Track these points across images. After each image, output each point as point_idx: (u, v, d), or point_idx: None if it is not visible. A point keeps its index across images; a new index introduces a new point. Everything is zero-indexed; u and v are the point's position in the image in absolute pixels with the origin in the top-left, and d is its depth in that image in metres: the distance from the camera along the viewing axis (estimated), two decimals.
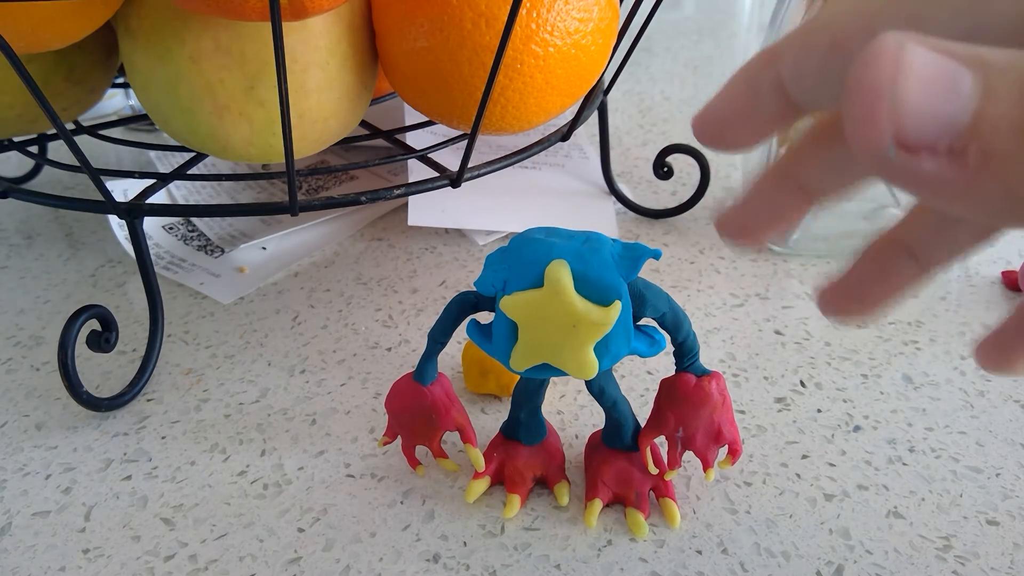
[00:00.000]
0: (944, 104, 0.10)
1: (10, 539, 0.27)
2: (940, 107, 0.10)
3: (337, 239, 0.46)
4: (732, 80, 0.16)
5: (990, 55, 0.10)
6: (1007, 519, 0.27)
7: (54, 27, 0.29)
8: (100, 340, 0.32)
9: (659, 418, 0.27)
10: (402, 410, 0.28)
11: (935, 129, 0.10)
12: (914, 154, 0.10)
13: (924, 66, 0.10)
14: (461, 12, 0.31)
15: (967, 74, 0.10)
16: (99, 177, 0.32)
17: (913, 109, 0.10)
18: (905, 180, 0.11)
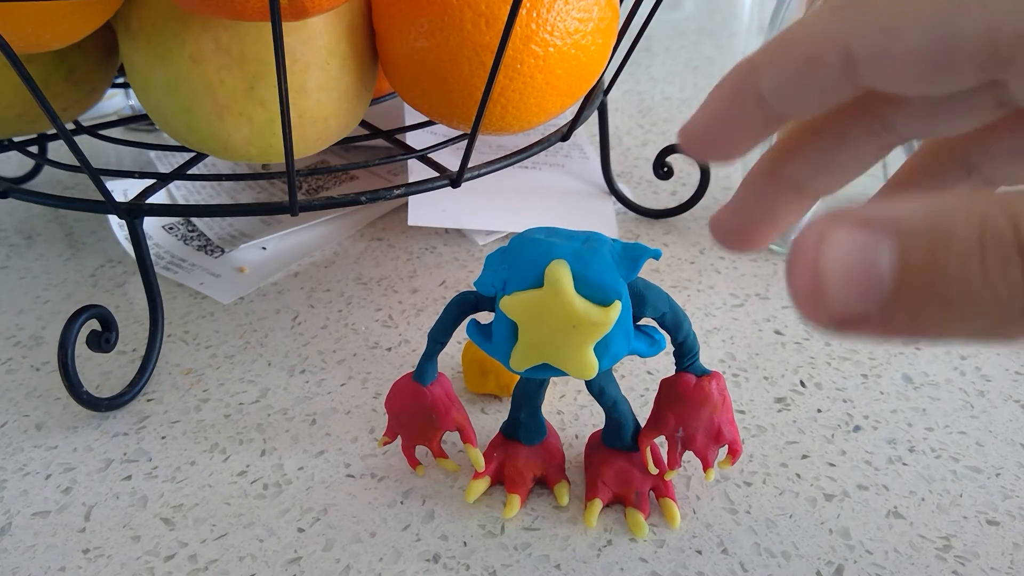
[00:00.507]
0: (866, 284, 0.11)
1: (10, 539, 0.27)
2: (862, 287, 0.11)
3: (337, 239, 0.46)
4: (714, 93, 0.16)
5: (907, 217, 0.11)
6: (1007, 519, 0.27)
7: (54, 27, 0.29)
8: (100, 340, 0.32)
9: (659, 418, 0.27)
10: (402, 410, 0.28)
11: (862, 306, 0.11)
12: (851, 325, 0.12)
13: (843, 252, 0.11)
14: (461, 12, 0.31)
15: (885, 247, 0.11)
16: (99, 177, 0.32)
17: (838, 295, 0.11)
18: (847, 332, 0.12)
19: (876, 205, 0.12)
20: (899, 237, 0.11)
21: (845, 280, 0.11)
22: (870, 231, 0.11)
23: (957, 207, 0.11)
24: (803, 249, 0.12)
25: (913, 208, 0.11)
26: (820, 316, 0.12)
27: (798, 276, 0.12)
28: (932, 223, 0.11)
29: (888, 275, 0.11)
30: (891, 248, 0.11)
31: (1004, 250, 0.11)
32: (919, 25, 0.12)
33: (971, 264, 0.11)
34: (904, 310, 0.11)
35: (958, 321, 0.11)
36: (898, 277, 0.11)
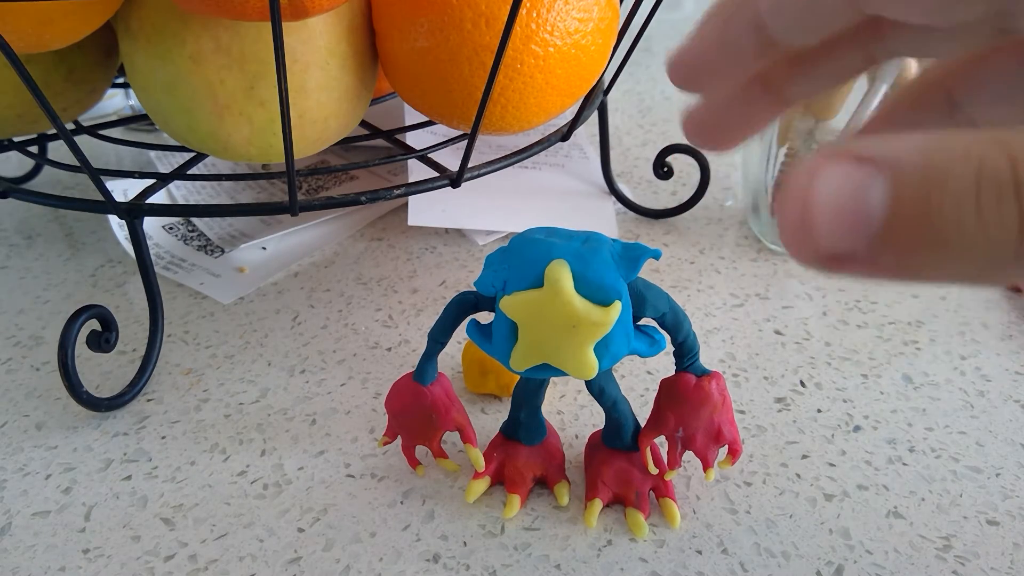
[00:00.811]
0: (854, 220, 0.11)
1: (10, 539, 0.27)
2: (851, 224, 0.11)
3: (337, 239, 0.46)
4: (707, 15, 0.15)
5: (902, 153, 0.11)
6: (1007, 519, 0.27)
7: (54, 27, 0.29)
8: (100, 340, 0.32)
9: (659, 418, 0.27)
10: (402, 410, 0.28)
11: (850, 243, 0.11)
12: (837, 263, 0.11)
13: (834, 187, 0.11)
14: (461, 12, 0.31)
15: (878, 182, 0.11)
16: (99, 177, 0.32)
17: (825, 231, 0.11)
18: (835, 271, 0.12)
19: (871, 140, 0.11)
20: (892, 173, 0.11)
21: (834, 216, 0.11)
22: (863, 166, 0.11)
23: (955, 144, 0.11)
24: (795, 184, 0.11)
25: (909, 144, 0.11)
26: (807, 253, 0.12)
27: (788, 211, 0.11)
28: (928, 159, 0.11)
29: (878, 212, 0.11)
30: (883, 184, 0.11)
31: (1001, 189, 0.10)
32: None
33: (966, 203, 0.10)
34: (893, 249, 0.11)
35: (948, 262, 0.11)
36: (889, 214, 0.11)
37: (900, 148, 0.11)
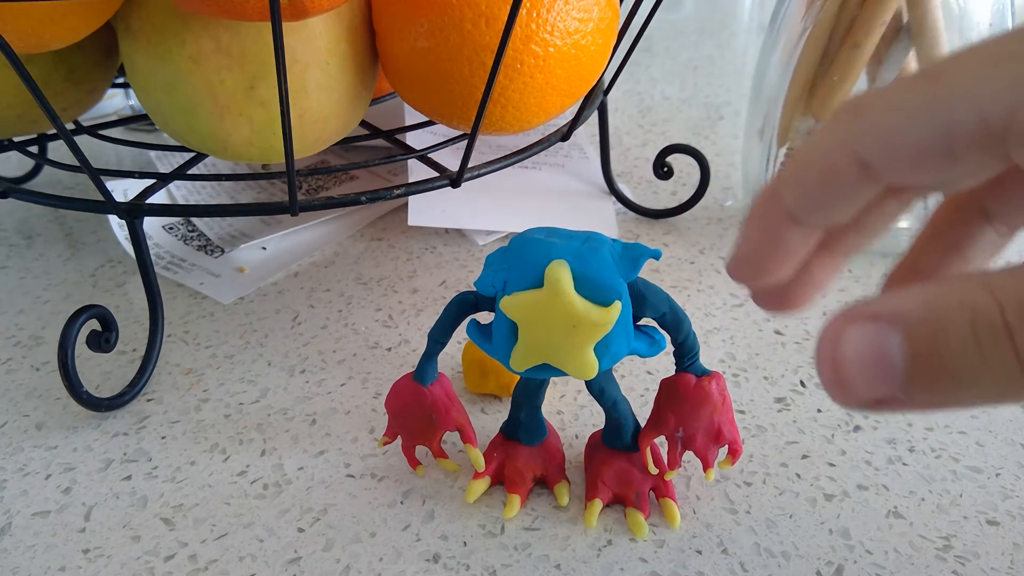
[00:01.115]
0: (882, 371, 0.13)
1: (10, 539, 0.27)
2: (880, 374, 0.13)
3: (337, 239, 0.46)
4: (747, 224, 0.17)
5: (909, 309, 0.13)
6: (1007, 519, 0.27)
7: (54, 27, 0.29)
8: (100, 340, 0.32)
9: (659, 418, 0.27)
10: (402, 410, 0.28)
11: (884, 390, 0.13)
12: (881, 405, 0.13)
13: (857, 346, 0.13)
14: (461, 12, 0.31)
15: (895, 337, 0.13)
16: (99, 177, 0.32)
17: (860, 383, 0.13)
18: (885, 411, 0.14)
19: (882, 298, 0.13)
20: (904, 327, 0.13)
21: (862, 369, 0.13)
22: (878, 324, 0.13)
23: (951, 295, 0.13)
24: (823, 347, 0.13)
25: (914, 299, 0.13)
26: (851, 402, 0.13)
27: (824, 370, 0.13)
28: (930, 313, 0.13)
29: (900, 361, 0.13)
30: (899, 338, 0.13)
31: (994, 331, 0.12)
32: (916, 120, 0.14)
33: (968, 348, 0.12)
34: (921, 389, 0.13)
35: (969, 393, 0.12)
36: (909, 362, 0.13)
37: (907, 304, 0.13)
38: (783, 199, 0.16)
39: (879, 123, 0.14)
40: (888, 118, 0.14)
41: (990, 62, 0.13)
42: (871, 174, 0.14)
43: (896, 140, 0.14)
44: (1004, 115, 0.13)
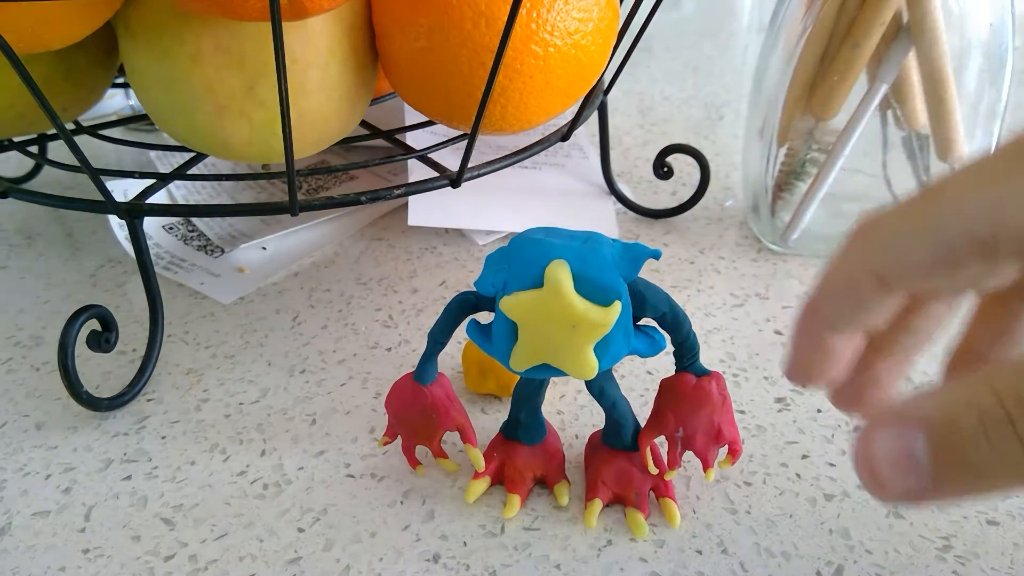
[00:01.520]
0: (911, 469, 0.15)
1: (10, 539, 0.27)
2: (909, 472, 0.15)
3: (337, 239, 0.46)
4: (795, 337, 0.19)
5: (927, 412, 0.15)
6: (1007, 519, 0.27)
7: (54, 27, 0.29)
8: (100, 340, 0.32)
9: (659, 418, 0.27)
10: (402, 410, 0.28)
11: (916, 484, 0.15)
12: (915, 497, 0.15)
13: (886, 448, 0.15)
14: (461, 12, 0.31)
15: (919, 439, 0.15)
16: (99, 177, 0.32)
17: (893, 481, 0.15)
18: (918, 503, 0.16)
19: (905, 403, 0.15)
20: (925, 429, 0.15)
21: (894, 468, 0.15)
22: (903, 428, 0.15)
23: (962, 396, 0.14)
24: (860, 449, 0.15)
25: (932, 402, 0.15)
26: (888, 497, 0.15)
27: (862, 470, 0.15)
28: (944, 414, 0.14)
29: (925, 458, 0.14)
30: (922, 438, 0.15)
31: (999, 425, 0.14)
32: (919, 240, 0.16)
33: (980, 441, 0.14)
34: (947, 481, 0.14)
35: (989, 481, 0.14)
36: (933, 458, 0.14)
37: (926, 407, 0.15)
38: (819, 313, 0.18)
39: (888, 245, 0.16)
40: (896, 240, 0.16)
41: (974, 185, 0.15)
42: (888, 286, 0.17)
43: (904, 259, 0.16)
44: (989, 233, 0.15)
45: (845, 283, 0.18)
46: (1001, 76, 0.38)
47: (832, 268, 0.18)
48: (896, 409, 0.15)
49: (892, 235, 0.17)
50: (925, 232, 0.16)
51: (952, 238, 0.16)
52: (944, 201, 0.16)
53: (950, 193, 0.16)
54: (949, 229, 0.16)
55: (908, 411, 0.15)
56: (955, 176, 0.16)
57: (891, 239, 0.17)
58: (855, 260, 0.17)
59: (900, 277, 0.17)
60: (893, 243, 0.17)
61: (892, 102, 0.39)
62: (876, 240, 0.17)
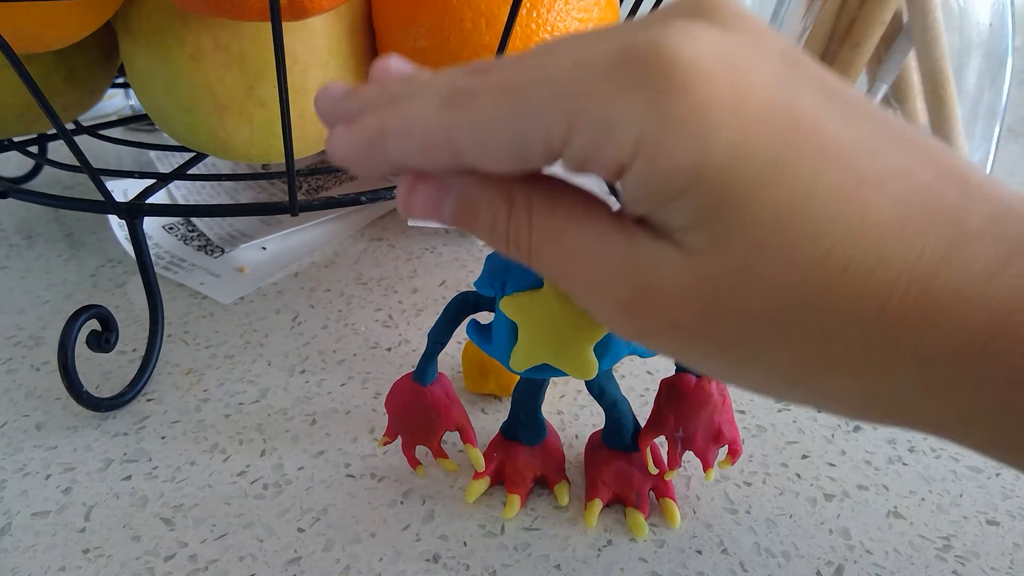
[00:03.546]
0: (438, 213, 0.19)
1: (10, 539, 0.27)
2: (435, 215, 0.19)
3: (337, 239, 0.46)
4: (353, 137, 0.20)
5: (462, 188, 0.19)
6: (1007, 519, 0.27)
7: (54, 27, 0.29)
8: (100, 340, 0.32)
9: (659, 418, 0.27)
10: (402, 410, 0.28)
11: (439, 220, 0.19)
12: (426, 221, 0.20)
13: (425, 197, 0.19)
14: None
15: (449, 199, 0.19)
16: (99, 177, 0.32)
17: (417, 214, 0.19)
18: None
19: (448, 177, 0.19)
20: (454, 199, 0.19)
21: (423, 207, 0.19)
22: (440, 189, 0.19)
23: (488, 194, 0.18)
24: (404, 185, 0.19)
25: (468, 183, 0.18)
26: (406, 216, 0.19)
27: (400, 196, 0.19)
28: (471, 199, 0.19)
29: (449, 214, 0.19)
30: (450, 203, 0.19)
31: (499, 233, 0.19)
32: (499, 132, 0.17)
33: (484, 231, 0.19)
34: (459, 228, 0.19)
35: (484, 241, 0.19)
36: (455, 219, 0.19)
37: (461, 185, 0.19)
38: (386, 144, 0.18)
39: (471, 127, 0.17)
40: (478, 126, 0.17)
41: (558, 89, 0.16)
42: (460, 160, 0.18)
43: (484, 145, 0.17)
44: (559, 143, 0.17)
45: (423, 142, 0.18)
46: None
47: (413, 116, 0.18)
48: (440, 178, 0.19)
49: (476, 121, 0.17)
50: (506, 128, 0.17)
51: (530, 139, 0.17)
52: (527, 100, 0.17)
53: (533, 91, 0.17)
54: (527, 130, 0.17)
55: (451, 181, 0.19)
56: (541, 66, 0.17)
57: (474, 125, 0.17)
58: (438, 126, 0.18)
59: (474, 160, 0.17)
60: (476, 131, 0.17)
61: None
62: (462, 117, 0.17)
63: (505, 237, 0.19)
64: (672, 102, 0.15)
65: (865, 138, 0.16)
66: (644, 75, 0.16)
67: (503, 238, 0.19)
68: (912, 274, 0.16)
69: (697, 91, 0.15)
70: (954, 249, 0.16)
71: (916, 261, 0.16)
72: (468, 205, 0.19)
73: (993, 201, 0.16)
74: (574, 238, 0.18)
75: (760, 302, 0.16)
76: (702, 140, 0.15)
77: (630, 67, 0.16)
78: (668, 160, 0.16)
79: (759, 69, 0.16)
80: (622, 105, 0.16)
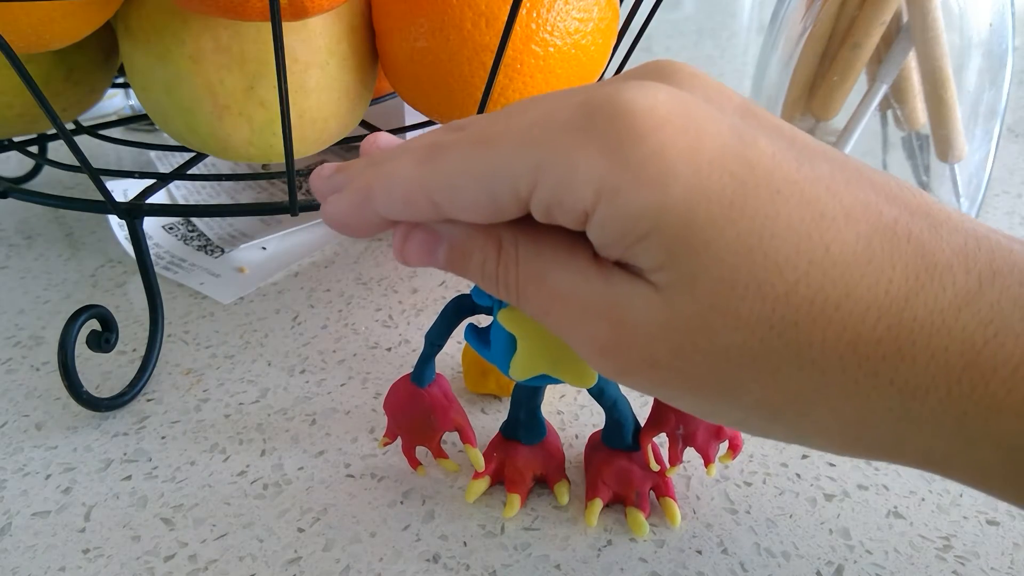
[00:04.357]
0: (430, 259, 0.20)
1: (10, 539, 0.27)
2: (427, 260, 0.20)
3: (337, 239, 0.46)
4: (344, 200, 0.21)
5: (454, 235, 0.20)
6: (1007, 519, 0.27)
7: (54, 27, 0.29)
8: (100, 340, 0.32)
9: (660, 416, 0.27)
10: (400, 412, 0.28)
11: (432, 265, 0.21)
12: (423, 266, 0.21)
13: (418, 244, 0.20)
14: (461, 12, 0.31)
15: (442, 247, 0.20)
16: (99, 177, 0.32)
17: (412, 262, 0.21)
18: None
19: (438, 224, 0.20)
20: (447, 245, 0.20)
21: (418, 252, 0.20)
22: (433, 235, 0.20)
23: (479, 239, 0.19)
24: (399, 233, 0.20)
25: (458, 230, 0.20)
26: (404, 262, 0.21)
27: (396, 242, 0.20)
28: (463, 243, 0.20)
29: (442, 259, 0.20)
30: (443, 248, 0.20)
31: (489, 275, 0.20)
32: (471, 185, 0.18)
33: (475, 274, 0.20)
34: (452, 272, 0.20)
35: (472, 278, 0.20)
36: (447, 263, 0.20)
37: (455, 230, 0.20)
38: (373, 202, 0.20)
39: (445, 180, 0.18)
40: (451, 178, 0.18)
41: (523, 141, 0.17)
42: (439, 210, 0.19)
43: (457, 196, 0.18)
44: (526, 193, 0.17)
45: (403, 197, 0.19)
46: (1001, 76, 0.38)
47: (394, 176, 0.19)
48: (432, 225, 0.20)
49: (450, 173, 0.18)
50: (478, 180, 0.18)
51: (500, 191, 0.18)
52: (497, 153, 0.18)
53: (502, 145, 0.18)
54: (498, 183, 0.18)
55: (443, 228, 0.20)
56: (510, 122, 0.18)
57: (448, 177, 0.18)
58: (416, 180, 0.19)
59: (450, 210, 0.19)
60: (450, 182, 0.18)
61: (892, 102, 0.39)
62: (437, 171, 0.18)
63: (495, 279, 0.20)
64: (629, 149, 0.16)
65: (824, 177, 0.17)
66: (603, 124, 0.16)
67: (492, 280, 0.20)
68: (881, 307, 0.16)
69: (653, 139, 0.16)
70: (923, 281, 0.16)
71: (884, 294, 0.16)
72: (460, 250, 0.20)
73: (961, 233, 0.17)
74: (556, 280, 0.18)
75: (732, 337, 0.16)
76: (660, 185, 0.16)
77: (590, 118, 0.17)
78: (627, 205, 0.16)
79: (714, 118, 0.17)
80: (582, 153, 0.16)
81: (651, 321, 0.17)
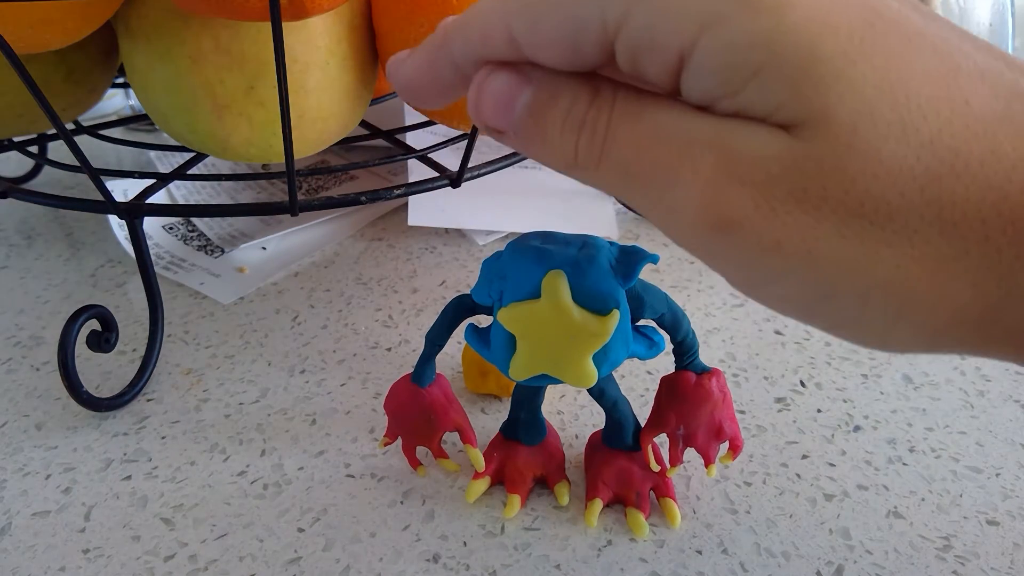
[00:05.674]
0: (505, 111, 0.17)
1: (10, 539, 0.27)
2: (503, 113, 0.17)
3: (337, 239, 0.46)
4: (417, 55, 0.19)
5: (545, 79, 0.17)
6: (1007, 519, 0.27)
7: (54, 27, 0.29)
8: (100, 340, 0.32)
9: (660, 416, 0.27)
10: (400, 412, 0.28)
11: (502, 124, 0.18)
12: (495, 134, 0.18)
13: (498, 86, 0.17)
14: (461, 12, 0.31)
15: (527, 91, 0.17)
16: (99, 177, 0.32)
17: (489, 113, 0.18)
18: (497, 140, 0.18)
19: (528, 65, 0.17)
20: (534, 87, 0.17)
21: (494, 104, 0.17)
22: (520, 76, 0.17)
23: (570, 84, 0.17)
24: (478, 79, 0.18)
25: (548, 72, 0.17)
26: (478, 123, 0.18)
27: (471, 94, 0.18)
28: (554, 87, 0.17)
29: (521, 110, 0.17)
30: (528, 92, 0.17)
31: (574, 120, 0.17)
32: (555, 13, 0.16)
33: (556, 122, 0.17)
34: (522, 137, 0.17)
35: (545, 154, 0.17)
36: (525, 114, 0.17)
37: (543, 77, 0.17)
38: (450, 45, 0.18)
39: (525, 5, 0.16)
40: (531, 7, 0.16)
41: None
42: (516, 48, 0.17)
43: (538, 26, 0.16)
44: (614, 25, 0.15)
45: (482, 31, 0.17)
46: None
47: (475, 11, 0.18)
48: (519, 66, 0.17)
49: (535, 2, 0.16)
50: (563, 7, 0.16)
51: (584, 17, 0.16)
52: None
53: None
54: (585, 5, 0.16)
55: (530, 69, 0.17)
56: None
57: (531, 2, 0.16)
58: (498, 13, 0.17)
59: (529, 45, 0.17)
60: (534, 11, 0.16)
61: None
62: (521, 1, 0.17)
63: (579, 124, 0.16)
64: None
65: (953, 38, 0.15)
66: None
67: (576, 126, 0.17)
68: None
69: None
70: None
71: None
72: (548, 92, 0.17)
73: None
74: (656, 115, 0.16)
75: (869, 186, 0.14)
76: (775, 9, 0.14)
77: None
78: (736, 33, 0.14)
79: None
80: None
81: (773, 157, 0.14)
